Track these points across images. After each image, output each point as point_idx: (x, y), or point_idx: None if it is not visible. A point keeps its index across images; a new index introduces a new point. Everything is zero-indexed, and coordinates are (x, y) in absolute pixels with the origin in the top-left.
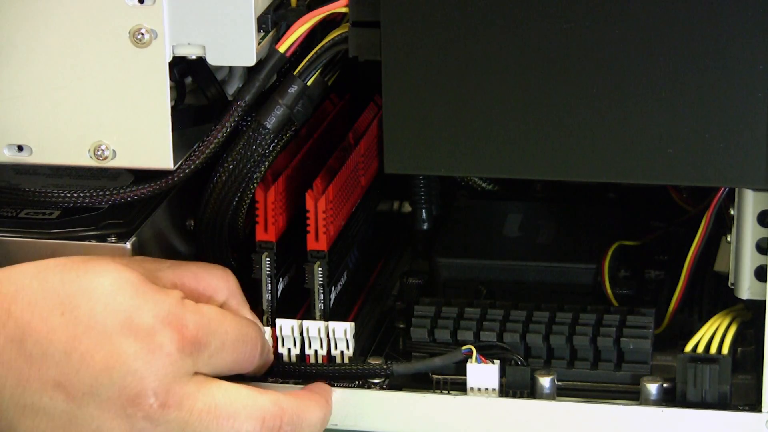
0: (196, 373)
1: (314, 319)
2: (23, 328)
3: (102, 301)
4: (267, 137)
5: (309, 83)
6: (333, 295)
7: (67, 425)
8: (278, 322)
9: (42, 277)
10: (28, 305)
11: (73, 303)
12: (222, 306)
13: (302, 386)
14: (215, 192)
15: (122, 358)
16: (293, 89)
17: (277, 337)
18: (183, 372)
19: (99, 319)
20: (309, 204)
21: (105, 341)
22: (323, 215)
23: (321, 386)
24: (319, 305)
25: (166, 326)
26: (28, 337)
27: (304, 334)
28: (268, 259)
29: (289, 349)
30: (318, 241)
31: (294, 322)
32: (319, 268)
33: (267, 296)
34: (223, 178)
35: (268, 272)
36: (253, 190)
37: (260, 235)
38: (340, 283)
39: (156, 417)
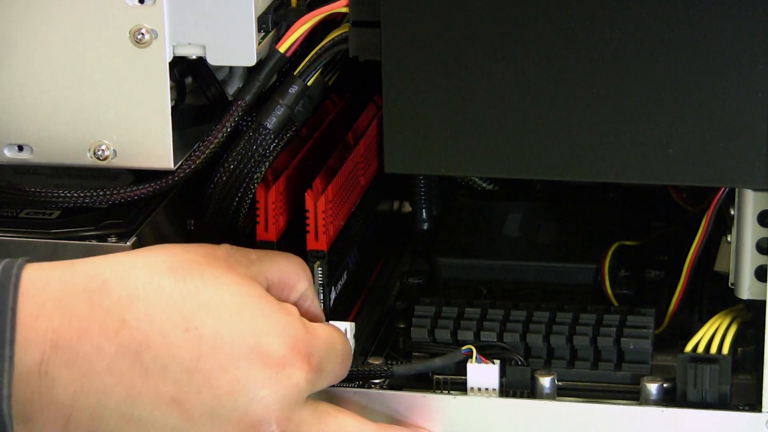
0: (308, 397)
1: None
2: (140, 340)
3: (228, 321)
4: (268, 137)
5: (309, 83)
6: (333, 295)
7: None
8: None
9: (156, 285)
10: (146, 316)
11: (196, 320)
12: (301, 297)
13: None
14: (216, 192)
15: (249, 384)
16: (294, 89)
17: None
18: (301, 398)
19: (226, 339)
20: (308, 204)
21: (232, 365)
22: (323, 215)
23: (422, 430)
24: (319, 303)
25: (295, 356)
26: (146, 351)
27: None
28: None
29: None
30: (318, 240)
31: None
32: (319, 268)
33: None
34: (224, 178)
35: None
36: (253, 190)
37: (261, 235)
38: (340, 282)
39: None
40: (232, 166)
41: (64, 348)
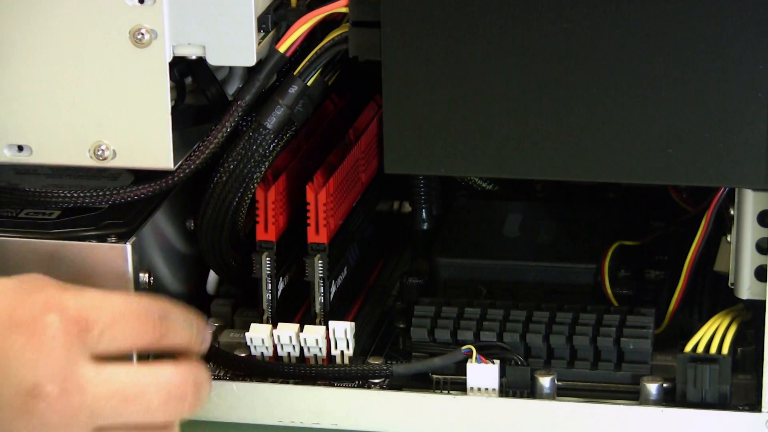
0: (93, 357)
1: (314, 312)
2: None
3: None
4: (267, 137)
5: (309, 83)
6: (333, 290)
7: None
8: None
9: None
10: None
11: None
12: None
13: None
14: (216, 192)
15: (11, 353)
16: (293, 89)
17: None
18: (76, 355)
19: None
20: (309, 196)
21: None
22: (324, 207)
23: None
24: (319, 299)
25: (46, 312)
26: None
27: (301, 341)
28: (268, 258)
29: (289, 353)
30: (318, 234)
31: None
32: (319, 261)
33: (267, 296)
34: (224, 178)
35: (268, 272)
36: (253, 190)
37: (260, 235)
38: (341, 278)
39: (59, 406)
40: (231, 166)
41: None
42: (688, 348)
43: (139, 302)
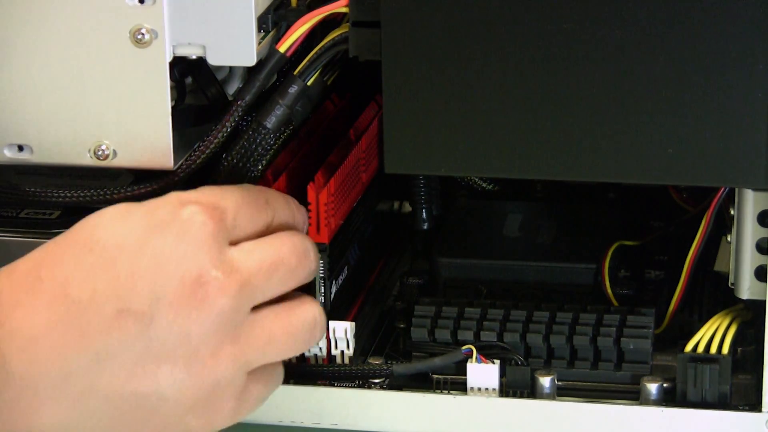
0: (232, 242)
1: None
2: (57, 285)
3: (118, 224)
4: (267, 137)
5: (309, 83)
6: (333, 290)
7: (149, 347)
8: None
9: (55, 239)
10: (52, 258)
11: (94, 238)
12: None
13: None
14: None
15: (166, 249)
16: (293, 89)
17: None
18: (222, 240)
19: (126, 235)
20: (311, 196)
21: (142, 249)
22: (325, 207)
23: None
24: (320, 298)
25: (182, 205)
26: (69, 289)
27: None
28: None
29: None
30: (319, 233)
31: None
32: (320, 261)
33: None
34: (222, 177)
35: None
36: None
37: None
38: (341, 277)
39: (226, 288)
40: (231, 165)
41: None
42: (688, 348)
43: (248, 190)
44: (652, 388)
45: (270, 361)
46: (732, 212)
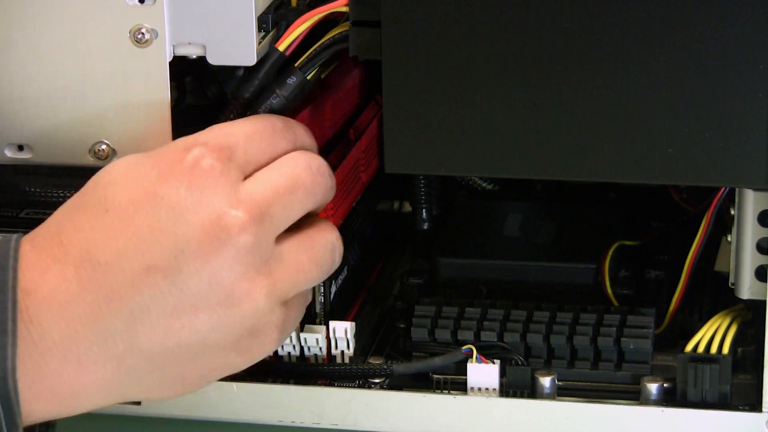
0: (246, 175)
1: (314, 312)
2: (81, 249)
3: (129, 179)
4: None
5: (309, 77)
6: (333, 290)
7: (182, 298)
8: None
9: (68, 202)
10: (72, 224)
11: (108, 198)
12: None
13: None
14: None
15: (180, 199)
16: (292, 80)
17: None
18: (234, 178)
19: (138, 189)
20: None
21: (155, 202)
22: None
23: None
24: (320, 298)
25: (188, 149)
26: (93, 252)
27: (302, 341)
28: None
29: (289, 353)
30: None
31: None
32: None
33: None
34: None
35: None
36: None
37: None
38: (341, 277)
39: (248, 224)
40: None
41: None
42: (689, 348)
43: (260, 119)
44: (652, 388)
45: (301, 289)
46: (732, 212)
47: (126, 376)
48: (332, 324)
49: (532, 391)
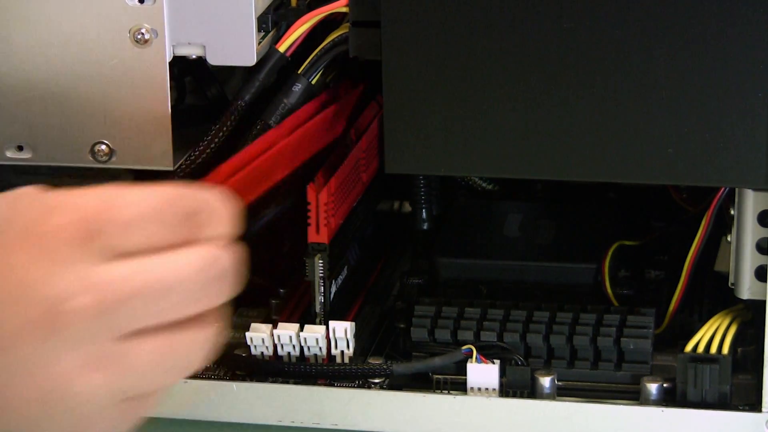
0: (113, 258)
1: (314, 312)
2: None
3: None
4: None
5: (313, 82)
6: (333, 290)
7: (13, 380)
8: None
9: None
10: None
11: None
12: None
13: None
14: None
15: (23, 273)
16: (298, 87)
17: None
18: (95, 258)
19: None
20: (310, 196)
21: (6, 269)
22: (324, 207)
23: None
24: (319, 298)
25: (50, 214)
26: None
27: (301, 341)
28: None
29: (289, 353)
30: (319, 233)
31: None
32: (320, 261)
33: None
34: None
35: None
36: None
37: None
38: (341, 277)
39: (89, 313)
40: None
41: None
42: (688, 348)
43: (167, 196)
44: (652, 388)
45: (146, 390)
46: (732, 212)
47: None
48: (332, 324)
49: (532, 391)
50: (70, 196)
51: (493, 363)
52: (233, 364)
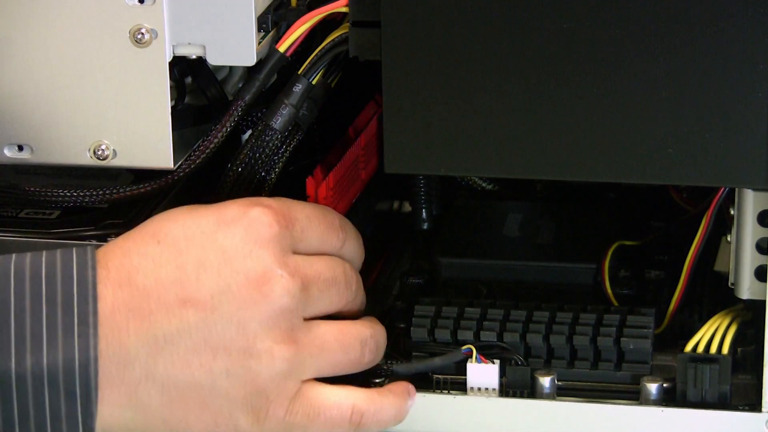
0: (295, 251)
1: None
2: (124, 273)
3: (187, 219)
4: (275, 137)
5: (314, 82)
6: None
7: (208, 337)
8: None
9: (125, 234)
10: (121, 249)
11: (163, 231)
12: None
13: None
14: (223, 196)
15: (233, 245)
16: (298, 88)
17: None
18: (286, 245)
19: (194, 229)
20: (309, 190)
21: (209, 242)
22: (323, 202)
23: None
24: None
25: (253, 206)
26: (135, 276)
27: None
28: None
29: None
30: None
31: None
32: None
33: None
34: (231, 181)
35: None
36: (262, 192)
37: None
38: None
39: (290, 287)
40: (239, 169)
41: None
42: (688, 348)
43: (322, 209)
44: (652, 388)
45: (323, 369)
46: (732, 212)
47: (135, 406)
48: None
49: (532, 391)
50: (257, 198)
51: (493, 363)
52: None
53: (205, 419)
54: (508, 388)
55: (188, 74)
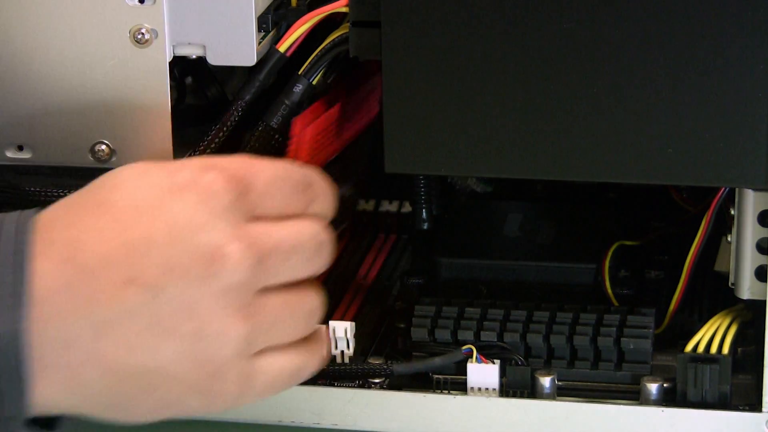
0: (253, 218)
1: None
2: (68, 248)
3: (137, 185)
4: (275, 137)
5: (314, 82)
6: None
7: (155, 319)
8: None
9: (69, 197)
10: (64, 222)
11: (110, 200)
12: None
13: None
14: None
15: (183, 216)
16: (298, 88)
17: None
18: (242, 213)
19: (139, 196)
20: (295, 129)
21: (158, 214)
22: (307, 146)
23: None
24: None
25: (207, 170)
26: (80, 254)
27: None
28: None
29: None
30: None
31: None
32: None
33: None
34: None
35: None
36: None
37: None
38: None
39: (242, 263)
40: None
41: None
42: (688, 348)
43: (286, 169)
44: (652, 388)
45: (272, 343)
46: (732, 212)
47: (79, 390)
48: (332, 324)
49: (532, 391)
50: (212, 160)
51: (493, 363)
52: None
53: (152, 403)
54: (508, 388)
55: (188, 74)
